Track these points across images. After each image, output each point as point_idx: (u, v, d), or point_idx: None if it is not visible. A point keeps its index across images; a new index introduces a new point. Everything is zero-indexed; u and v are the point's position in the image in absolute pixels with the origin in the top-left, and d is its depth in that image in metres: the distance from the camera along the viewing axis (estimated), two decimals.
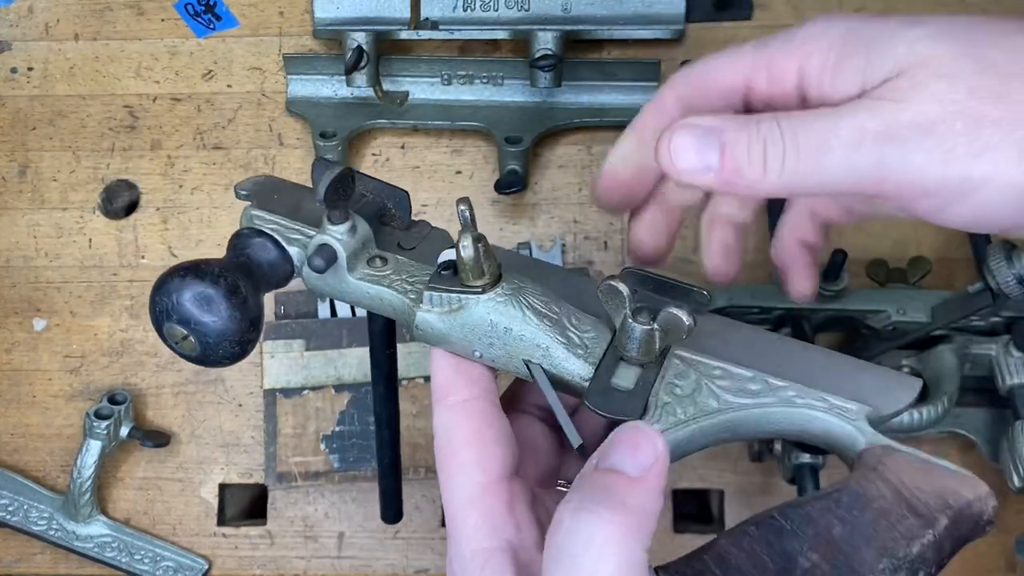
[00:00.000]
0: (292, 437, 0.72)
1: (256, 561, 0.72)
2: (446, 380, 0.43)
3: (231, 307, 0.42)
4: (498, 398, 0.44)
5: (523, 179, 0.72)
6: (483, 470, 0.41)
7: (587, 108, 0.74)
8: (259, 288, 0.44)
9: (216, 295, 0.42)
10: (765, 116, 0.40)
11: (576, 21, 0.73)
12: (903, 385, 0.42)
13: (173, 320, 0.42)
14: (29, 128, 0.78)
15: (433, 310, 0.42)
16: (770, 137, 0.40)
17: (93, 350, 0.75)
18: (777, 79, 0.43)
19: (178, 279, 0.42)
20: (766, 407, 0.41)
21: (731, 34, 0.76)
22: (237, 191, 0.47)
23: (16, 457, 0.74)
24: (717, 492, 0.71)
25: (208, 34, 0.78)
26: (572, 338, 0.42)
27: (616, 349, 0.42)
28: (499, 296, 0.42)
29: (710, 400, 0.41)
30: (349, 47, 0.72)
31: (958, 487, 0.39)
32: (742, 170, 0.40)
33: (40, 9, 0.79)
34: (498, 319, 0.42)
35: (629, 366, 0.41)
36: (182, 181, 0.76)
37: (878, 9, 0.75)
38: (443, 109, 0.75)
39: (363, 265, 0.44)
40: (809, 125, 0.40)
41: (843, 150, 0.39)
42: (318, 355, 0.72)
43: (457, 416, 0.42)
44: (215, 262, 0.43)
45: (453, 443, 0.41)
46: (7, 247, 0.76)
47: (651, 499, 0.36)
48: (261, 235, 0.45)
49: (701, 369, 0.42)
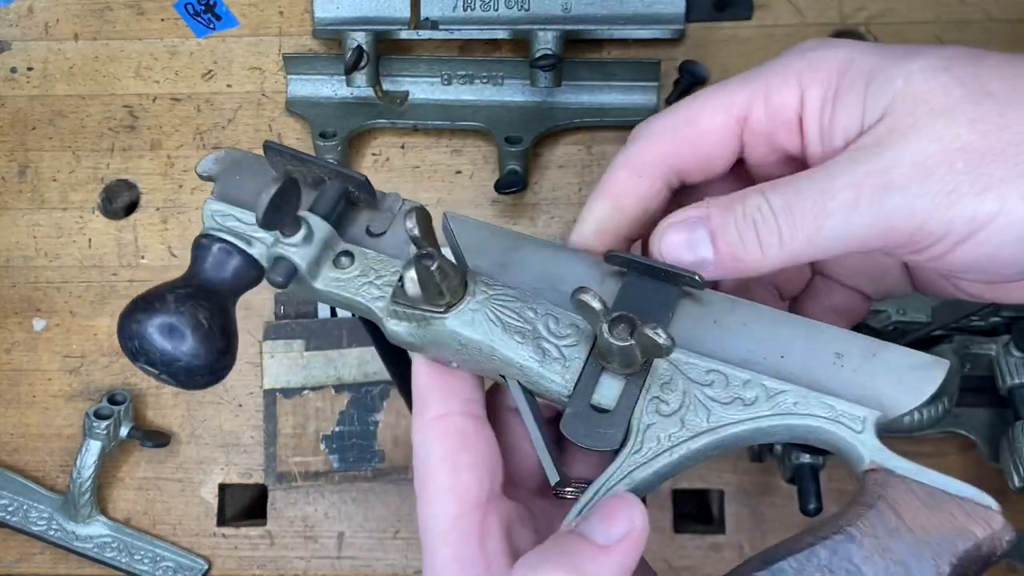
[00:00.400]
0: (292, 437, 0.72)
1: (256, 561, 0.72)
2: (423, 390, 0.41)
3: (196, 342, 0.39)
4: (482, 406, 0.42)
5: (523, 179, 0.72)
6: (456, 499, 0.39)
7: (587, 108, 0.74)
8: (226, 306, 0.42)
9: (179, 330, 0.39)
10: (750, 192, 0.38)
11: (576, 21, 0.73)
12: (925, 374, 0.37)
13: (141, 362, 0.40)
14: (29, 128, 0.78)
15: (401, 324, 0.40)
16: (760, 217, 0.38)
17: (93, 350, 0.75)
18: (777, 110, 0.40)
19: (137, 319, 0.40)
20: (760, 420, 0.37)
21: (731, 34, 0.76)
22: (198, 171, 0.44)
23: (16, 457, 0.74)
24: (717, 492, 0.71)
25: (208, 34, 0.78)
26: (548, 350, 0.39)
27: (597, 359, 0.39)
28: (465, 314, 0.39)
29: (699, 417, 0.37)
30: (349, 47, 0.72)
31: (968, 523, 0.35)
32: (739, 255, 0.38)
33: (40, 9, 0.79)
34: (467, 339, 0.39)
35: (612, 376, 0.38)
36: (182, 181, 0.76)
37: (877, 9, 0.75)
38: (443, 109, 0.75)
39: (328, 267, 0.41)
40: (801, 194, 0.37)
41: (842, 213, 0.37)
42: (318, 355, 0.72)
43: (433, 434, 0.40)
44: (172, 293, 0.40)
45: (428, 464, 0.40)
46: (7, 247, 0.76)
47: (613, 571, 0.34)
48: (221, 242, 0.42)
49: (691, 375, 0.38)
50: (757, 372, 0.38)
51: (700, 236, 0.38)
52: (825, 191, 0.37)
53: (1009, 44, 0.74)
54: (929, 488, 0.35)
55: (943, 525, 0.34)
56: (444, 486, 0.40)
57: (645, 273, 0.40)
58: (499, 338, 0.39)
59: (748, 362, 0.38)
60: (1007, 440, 0.62)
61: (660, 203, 0.42)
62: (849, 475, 0.46)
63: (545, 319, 0.39)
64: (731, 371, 0.38)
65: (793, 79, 0.40)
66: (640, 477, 0.37)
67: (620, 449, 0.38)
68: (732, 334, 0.39)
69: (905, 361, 0.38)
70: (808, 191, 0.37)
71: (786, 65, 0.40)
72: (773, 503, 0.70)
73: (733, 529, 0.70)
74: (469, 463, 0.40)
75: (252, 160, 0.44)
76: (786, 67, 0.40)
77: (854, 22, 0.75)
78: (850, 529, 0.35)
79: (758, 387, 0.37)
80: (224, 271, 0.42)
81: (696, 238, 0.38)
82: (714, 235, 0.38)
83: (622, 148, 0.43)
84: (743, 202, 0.38)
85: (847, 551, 0.34)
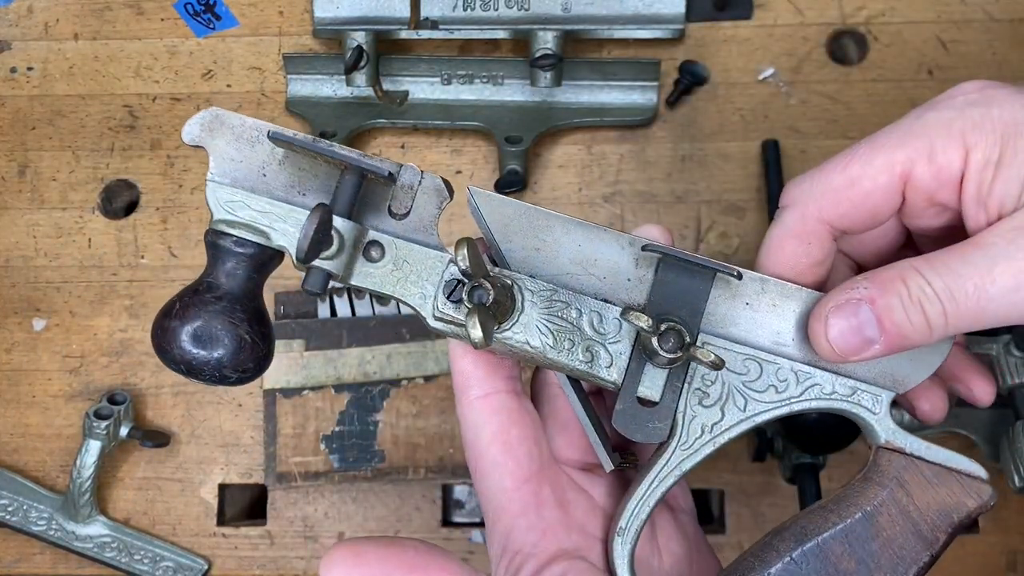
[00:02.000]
0: (292, 437, 0.72)
1: (256, 561, 0.72)
2: (466, 370, 0.43)
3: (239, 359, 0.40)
4: (520, 383, 0.44)
5: (523, 179, 0.72)
6: (510, 473, 0.42)
7: (587, 108, 0.74)
8: (258, 304, 0.41)
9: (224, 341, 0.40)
10: (909, 272, 0.39)
11: (576, 21, 0.73)
12: (932, 349, 0.41)
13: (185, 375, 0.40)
14: (29, 128, 0.78)
15: (447, 326, 0.41)
16: (924, 297, 0.38)
17: (93, 350, 0.74)
18: (941, 170, 0.39)
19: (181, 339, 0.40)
20: (792, 404, 0.41)
21: (731, 34, 0.76)
22: (185, 139, 0.42)
23: (16, 457, 0.74)
24: (717, 492, 0.71)
25: (208, 34, 0.78)
26: (597, 352, 0.41)
27: (641, 352, 0.41)
28: (517, 328, 0.41)
29: (737, 406, 0.40)
30: (349, 47, 0.72)
31: (964, 498, 0.40)
32: (907, 335, 0.39)
33: (40, 9, 0.79)
34: (520, 349, 0.41)
35: (656, 368, 0.41)
36: (182, 181, 0.76)
37: (878, 9, 0.75)
38: (443, 109, 0.75)
39: (360, 263, 0.41)
40: (961, 278, 0.38)
41: (1004, 296, 0.37)
42: (318, 355, 0.72)
43: (482, 414, 0.43)
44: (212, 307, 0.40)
45: (480, 442, 0.43)
46: (7, 247, 0.76)
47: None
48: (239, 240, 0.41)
49: (730, 365, 0.41)
50: (787, 358, 0.41)
51: (866, 319, 0.39)
52: (984, 275, 0.37)
53: (1009, 44, 0.74)
54: (934, 467, 0.40)
55: (945, 500, 0.40)
56: (498, 461, 0.42)
57: (683, 270, 0.41)
58: (550, 347, 0.40)
59: (778, 344, 0.41)
60: (1007, 440, 0.62)
61: (830, 257, 0.43)
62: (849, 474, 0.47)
63: (589, 317, 0.41)
64: (765, 359, 0.41)
65: (958, 138, 0.39)
66: (687, 467, 0.40)
67: (668, 442, 0.40)
68: (763, 315, 0.41)
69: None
70: (968, 275, 0.38)
71: (949, 122, 0.39)
72: (773, 503, 0.70)
73: (734, 529, 0.70)
74: (519, 437, 0.43)
75: (241, 124, 0.42)
76: (950, 125, 0.39)
77: (854, 22, 0.75)
78: (868, 508, 0.39)
79: (789, 373, 0.41)
80: (247, 268, 0.41)
81: (862, 321, 0.39)
82: (880, 318, 0.39)
83: (779, 216, 0.42)
84: (905, 283, 0.39)
85: (864, 529, 0.39)
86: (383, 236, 0.41)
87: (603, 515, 0.44)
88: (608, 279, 0.41)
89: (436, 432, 0.71)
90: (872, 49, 0.75)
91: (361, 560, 0.36)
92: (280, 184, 0.42)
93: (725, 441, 0.41)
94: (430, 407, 0.72)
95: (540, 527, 0.42)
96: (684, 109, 0.75)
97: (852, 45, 0.76)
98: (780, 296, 0.41)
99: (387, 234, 0.41)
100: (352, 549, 0.36)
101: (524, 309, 0.40)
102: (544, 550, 0.42)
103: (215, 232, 0.41)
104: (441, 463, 0.71)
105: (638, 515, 0.41)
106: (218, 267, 0.41)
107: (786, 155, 0.73)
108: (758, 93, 0.75)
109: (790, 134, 0.74)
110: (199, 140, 0.42)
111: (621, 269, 0.41)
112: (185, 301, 0.40)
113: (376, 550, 0.36)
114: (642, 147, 0.75)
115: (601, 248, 0.42)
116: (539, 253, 0.42)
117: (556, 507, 0.43)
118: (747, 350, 0.41)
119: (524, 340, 0.40)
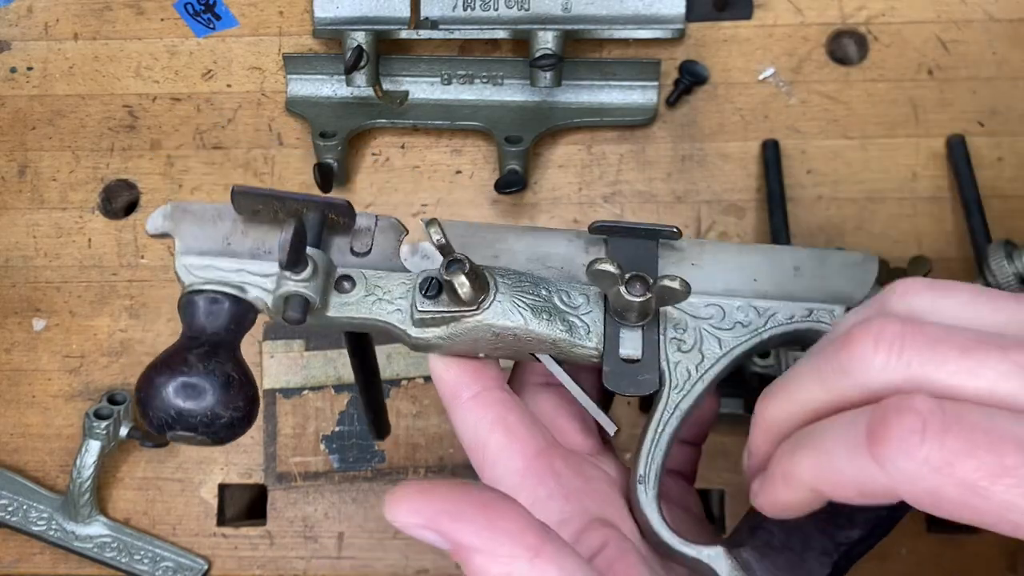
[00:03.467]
0: (292, 437, 0.72)
1: (256, 561, 0.72)
2: (453, 378, 0.43)
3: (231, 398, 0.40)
4: (506, 383, 0.44)
5: (523, 179, 0.72)
6: (519, 453, 0.42)
7: (587, 108, 0.74)
8: (238, 355, 0.42)
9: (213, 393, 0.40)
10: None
11: (576, 21, 0.73)
12: (864, 268, 0.45)
13: (177, 430, 0.40)
14: (28, 128, 0.78)
15: (428, 330, 0.42)
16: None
17: (93, 350, 0.74)
18: None
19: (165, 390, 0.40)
20: (762, 335, 0.43)
21: (731, 34, 0.76)
22: (149, 231, 0.44)
23: (15, 457, 0.74)
24: (717, 492, 0.71)
25: (208, 34, 0.78)
26: (572, 321, 0.42)
27: (613, 317, 0.43)
28: (496, 307, 0.42)
29: (713, 346, 0.43)
30: (349, 47, 0.72)
31: None
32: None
33: (39, 9, 0.79)
34: (502, 327, 0.42)
35: (630, 330, 0.42)
36: (182, 181, 0.76)
37: (878, 9, 0.75)
38: (443, 109, 0.75)
39: (333, 295, 0.43)
40: None
41: None
42: (318, 355, 0.72)
43: (476, 410, 0.42)
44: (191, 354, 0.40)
45: (480, 434, 0.42)
46: (6, 247, 0.76)
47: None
48: (212, 294, 0.42)
49: (695, 313, 0.43)
50: (744, 297, 0.44)
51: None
52: None
53: (1009, 44, 0.74)
54: None
55: None
56: (503, 444, 0.42)
57: (627, 234, 0.44)
58: (531, 320, 0.42)
59: (732, 291, 0.44)
60: None
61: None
62: None
63: (558, 294, 0.43)
64: (725, 302, 0.44)
65: None
66: (686, 407, 0.42)
67: (660, 390, 0.42)
68: (710, 271, 0.45)
69: (846, 260, 0.45)
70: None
71: None
72: None
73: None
74: (518, 420, 0.42)
75: (201, 209, 0.44)
76: None
77: (854, 22, 0.75)
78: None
79: (750, 310, 0.44)
80: (224, 320, 0.42)
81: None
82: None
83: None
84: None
85: None
86: (351, 270, 0.43)
87: (622, 493, 0.44)
88: (565, 268, 0.45)
89: (436, 432, 0.71)
90: (872, 49, 0.75)
91: (430, 497, 0.34)
92: (246, 249, 0.43)
93: (712, 378, 0.42)
94: (430, 407, 0.72)
95: (562, 493, 0.41)
96: (684, 109, 0.75)
97: (852, 45, 0.76)
98: (719, 252, 0.45)
99: (354, 268, 0.43)
100: (420, 487, 0.35)
101: (499, 288, 0.42)
102: (573, 515, 0.41)
103: (189, 293, 0.43)
104: (441, 463, 0.71)
105: (653, 460, 0.42)
106: (195, 323, 0.42)
107: (786, 155, 0.73)
108: (758, 93, 0.75)
109: (790, 134, 0.74)
110: (163, 229, 0.44)
111: (575, 257, 0.45)
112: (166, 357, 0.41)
113: (445, 489, 0.35)
114: (642, 147, 0.75)
115: (553, 244, 0.45)
116: (498, 260, 0.45)
117: (575, 476, 0.42)
118: (705, 298, 0.44)
119: (504, 318, 0.42)
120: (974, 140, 0.72)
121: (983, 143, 0.72)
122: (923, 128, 0.73)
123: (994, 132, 0.73)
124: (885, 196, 0.73)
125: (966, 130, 0.73)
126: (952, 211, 0.72)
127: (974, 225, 0.68)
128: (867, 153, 0.73)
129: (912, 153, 0.73)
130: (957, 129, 0.73)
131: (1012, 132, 0.73)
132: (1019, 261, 0.60)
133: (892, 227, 0.72)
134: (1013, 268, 0.59)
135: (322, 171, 0.72)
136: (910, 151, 0.73)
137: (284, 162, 0.76)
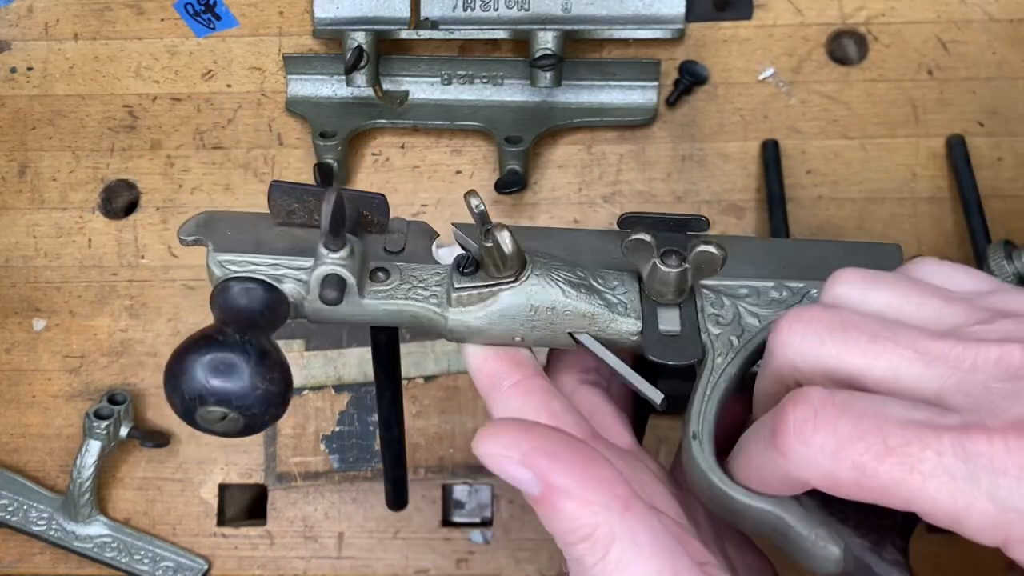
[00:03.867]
0: (292, 437, 0.72)
1: (256, 561, 0.72)
2: (492, 369, 0.42)
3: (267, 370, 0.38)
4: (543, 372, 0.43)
5: (523, 179, 0.72)
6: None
7: (587, 108, 0.74)
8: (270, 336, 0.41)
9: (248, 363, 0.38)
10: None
11: (576, 21, 0.73)
12: (887, 253, 0.46)
13: (209, 404, 0.38)
14: (28, 128, 0.78)
15: (466, 310, 0.42)
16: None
17: (93, 350, 0.74)
18: None
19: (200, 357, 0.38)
20: None
21: (731, 34, 0.76)
22: (182, 238, 0.44)
23: (16, 457, 0.74)
24: None
25: (208, 34, 0.78)
26: (610, 299, 0.42)
27: (648, 296, 0.43)
28: (534, 279, 0.42)
29: (752, 320, 0.43)
30: (349, 47, 0.72)
31: None
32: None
33: (40, 9, 0.79)
34: (538, 302, 0.42)
35: (667, 309, 0.43)
36: (182, 181, 0.76)
37: (878, 9, 0.75)
38: (443, 109, 0.75)
39: (368, 283, 0.43)
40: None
41: None
42: (318, 355, 0.72)
43: (519, 398, 0.42)
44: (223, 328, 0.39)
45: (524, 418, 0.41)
46: (6, 247, 0.76)
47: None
48: (248, 281, 0.42)
49: (729, 293, 0.43)
50: (776, 279, 0.44)
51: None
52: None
53: (1009, 44, 0.74)
54: None
55: None
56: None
57: (655, 226, 0.44)
58: (569, 294, 0.42)
59: (764, 276, 0.44)
60: None
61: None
62: None
63: (593, 276, 0.43)
64: (759, 283, 0.44)
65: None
66: (732, 373, 0.42)
67: (704, 358, 0.42)
68: (740, 261, 0.45)
69: (870, 250, 0.47)
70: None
71: None
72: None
73: None
74: (563, 408, 0.41)
75: (236, 216, 0.45)
76: None
77: (854, 22, 0.75)
78: None
79: (783, 289, 0.44)
80: (260, 306, 0.41)
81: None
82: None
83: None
84: None
85: None
86: (387, 263, 0.44)
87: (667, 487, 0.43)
88: (597, 259, 0.45)
89: (436, 432, 0.71)
90: (872, 49, 0.75)
91: (530, 434, 0.33)
92: (280, 249, 0.44)
93: (756, 347, 0.42)
94: (430, 407, 0.72)
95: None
96: (684, 109, 0.75)
97: (852, 45, 0.76)
98: (747, 244, 0.46)
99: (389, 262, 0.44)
100: (518, 422, 0.35)
101: (535, 263, 0.42)
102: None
103: (224, 282, 0.42)
104: (441, 463, 0.71)
105: (705, 419, 0.40)
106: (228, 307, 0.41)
107: (786, 155, 0.73)
108: (758, 93, 0.75)
109: (790, 134, 0.74)
110: (196, 234, 0.44)
111: (608, 248, 0.45)
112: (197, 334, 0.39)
113: (545, 429, 0.34)
114: (642, 147, 0.75)
115: (585, 239, 0.46)
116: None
117: (618, 459, 0.41)
118: (739, 280, 0.44)
119: (541, 292, 0.42)
120: (974, 140, 0.72)
121: (983, 143, 0.72)
122: (923, 128, 0.73)
123: (994, 132, 0.73)
124: (885, 196, 0.73)
125: (966, 130, 0.73)
126: (952, 211, 0.72)
127: (974, 225, 0.68)
128: (867, 153, 0.73)
129: (912, 153, 0.73)
130: (957, 129, 0.73)
131: (1012, 132, 0.73)
132: (1019, 261, 0.60)
133: (892, 227, 0.72)
134: (1013, 268, 0.59)
135: (322, 171, 0.72)
136: (910, 151, 0.73)
137: (284, 162, 0.76)
